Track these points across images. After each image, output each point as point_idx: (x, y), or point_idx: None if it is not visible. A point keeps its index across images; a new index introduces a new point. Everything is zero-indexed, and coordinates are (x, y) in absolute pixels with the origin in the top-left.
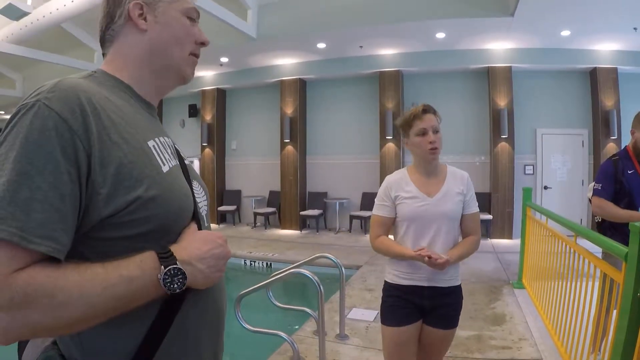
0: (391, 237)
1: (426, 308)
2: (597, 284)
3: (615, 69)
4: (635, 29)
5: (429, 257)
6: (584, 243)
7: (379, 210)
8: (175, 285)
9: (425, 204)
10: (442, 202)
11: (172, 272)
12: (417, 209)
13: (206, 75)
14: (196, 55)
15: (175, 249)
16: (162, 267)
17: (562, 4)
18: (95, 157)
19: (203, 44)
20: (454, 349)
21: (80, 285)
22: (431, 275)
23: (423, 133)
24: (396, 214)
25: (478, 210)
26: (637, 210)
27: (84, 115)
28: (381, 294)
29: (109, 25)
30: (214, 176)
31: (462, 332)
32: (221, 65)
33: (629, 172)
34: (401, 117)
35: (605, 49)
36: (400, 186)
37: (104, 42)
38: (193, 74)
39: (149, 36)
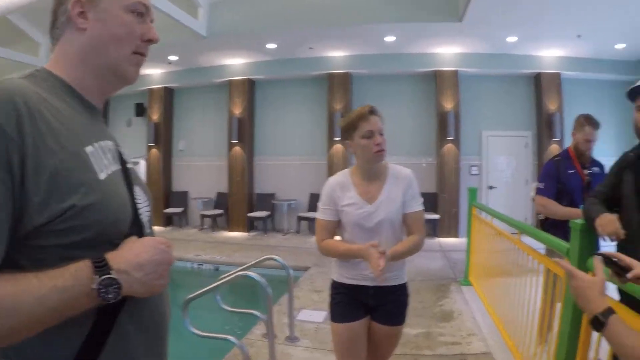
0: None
1: (372, 306)
2: (540, 279)
3: (559, 74)
4: (579, 36)
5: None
6: (528, 240)
7: (323, 214)
8: (110, 295)
9: (365, 212)
10: (382, 208)
11: (106, 281)
12: (357, 217)
13: (154, 74)
14: (142, 54)
15: (112, 257)
16: (97, 276)
17: (509, 11)
18: (30, 164)
19: (150, 41)
20: (404, 347)
21: (14, 295)
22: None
23: (369, 136)
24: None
25: (421, 208)
26: (578, 208)
27: (18, 120)
28: (330, 294)
29: (54, 24)
30: (160, 177)
31: (410, 330)
32: (169, 63)
33: (570, 172)
34: (345, 118)
35: (550, 55)
36: (343, 191)
37: (52, 40)
38: (137, 73)
39: (88, 34)
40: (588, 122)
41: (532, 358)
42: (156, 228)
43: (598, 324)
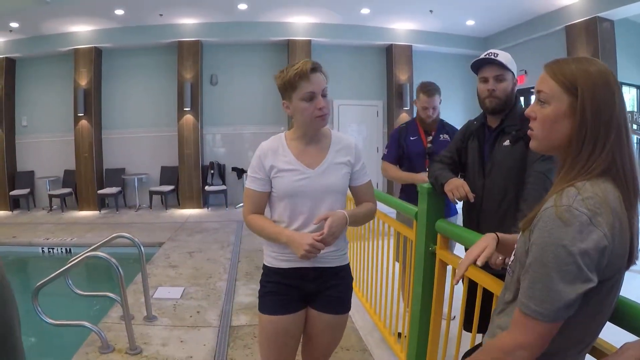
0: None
1: (312, 292)
2: (392, 241)
3: (411, 47)
4: (431, 11)
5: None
6: (381, 206)
7: (251, 183)
8: None
9: (305, 177)
10: (326, 174)
11: None
12: (295, 184)
13: None
14: None
15: None
16: None
17: None
18: None
19: None
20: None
21: None
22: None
23: (310, 98)
24: (272, 187)
25: (370, 179)
26: (417, 173)
27: None
28: (260, 281)
29: None
30: (3, 157)
31: None
32: (11, 31)
33: (412, 138)
34: (281, 75)
35: (402, 28)
36: (276, 155)
37: None
38: None
39: None
40: (422, 89)
41: (389, 318)
42: (2, 213)
43: None
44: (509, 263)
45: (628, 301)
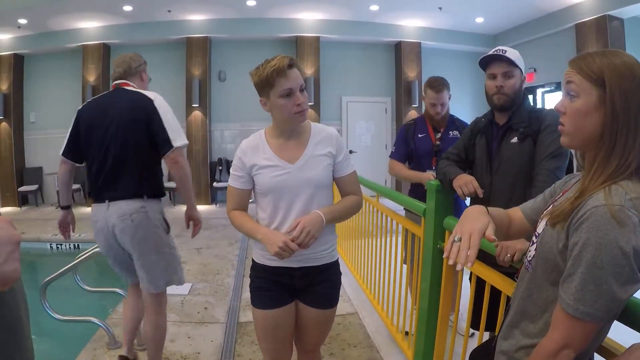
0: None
1: (300, 288)
2: (399, 238)
3: (419, 44)
4: (440, 8)
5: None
6: (389, 203)
7: (233, 181)
8: None
9: (285, 173)
10: (306, 168)
11: None
12: (275, 179)
13: (2, 39)
14: None
15: None
16: None
17: None
18: None
19: None
20: None
21: None
22: (302, 254)
23: (288, 94)
24: (255, 184)
25: (354, 169)
26: (424, 172)
27: None
28: (249, 275)
29: None
30: (12, 153)
31: None
32: (19, 27)
33: (420, 135)
34: (257, 72)
35: (411, 25)
36: (256, 153)
37: None
38: None
39: None
40: (430, 85)
41: (397, 316)
42: (10, 209)
43: None
44: (528, 258)
45: (639, 301)
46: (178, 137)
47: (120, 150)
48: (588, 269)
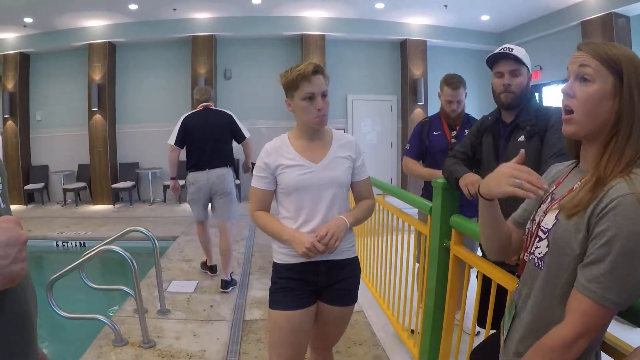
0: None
1: (322, 285)
2: (406, 236)
3: (425, 42)
4: (445, 6)
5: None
6: (395, 201)
7: (257, 182)
8: None
9: (309, 172)
10: (330, 168)
11: None
12: (300, 178)
13: (8, 38)
14: None
15: None
16: None
17: None
18: None
19: None
20: None
21: None
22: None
23: (310, 98)
24: (277, 184)
25: (369, 175)
26: (439, 170)
27: None
28: (271, 278)
29: None
30: (17, 152)
31: None
32: (25, 26)
33: (435, 133)
34: (285, 74)
35: (416, 22)
36: (280, 154)
37: None
38: None
39: None
40: (446, 82)
41: (402, 314)
42: (17, 207)
43: None
44: (538, 256)
45: None
46: (246, 132)
47: (215, 142)
48: (619, 257)
